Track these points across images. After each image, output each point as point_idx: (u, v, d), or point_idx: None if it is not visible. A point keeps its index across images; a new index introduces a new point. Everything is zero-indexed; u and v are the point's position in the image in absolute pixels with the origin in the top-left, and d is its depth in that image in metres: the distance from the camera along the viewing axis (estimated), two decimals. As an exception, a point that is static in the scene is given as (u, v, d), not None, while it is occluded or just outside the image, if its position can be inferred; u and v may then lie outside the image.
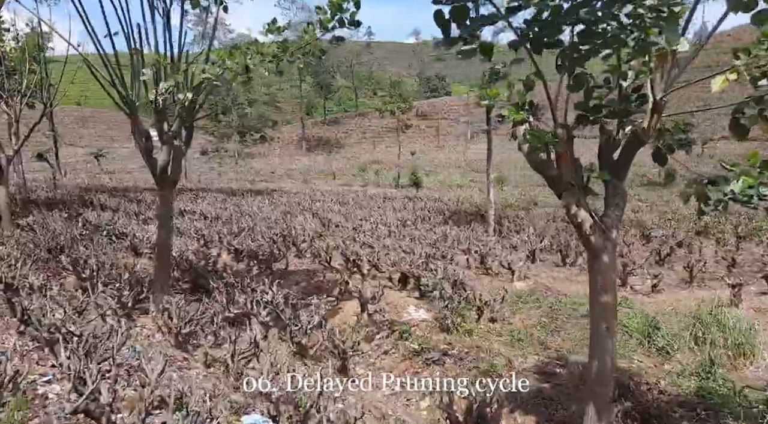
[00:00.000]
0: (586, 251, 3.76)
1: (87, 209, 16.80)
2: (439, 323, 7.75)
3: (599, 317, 3.60)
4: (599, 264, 3.61)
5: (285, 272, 10.83)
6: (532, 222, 16.15)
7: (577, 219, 3.69)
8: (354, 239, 12.70)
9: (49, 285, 7.66)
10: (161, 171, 7.56)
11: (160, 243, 7.96)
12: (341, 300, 9.09)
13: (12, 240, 10.40)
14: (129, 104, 7.32)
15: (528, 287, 9.78)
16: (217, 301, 7.96)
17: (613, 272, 3.62)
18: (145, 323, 7.81)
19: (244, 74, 6.11)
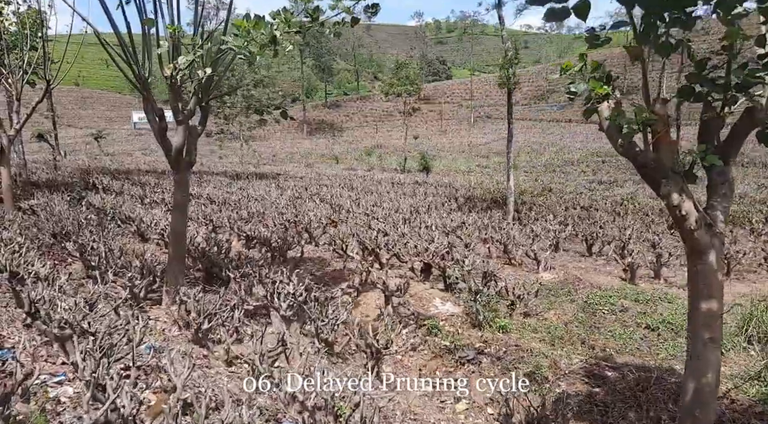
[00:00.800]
0: (687, 248, 3.27)
1: (90, 192, 16.30)
2: (470, 317, 7.30)
3: (701, 325, 3.12)
4: (704, 264, 3.13)
5: (300, 260, 10.37)
6: (550, 209, 15.67)
7: (679, 211, 3.20)
8: (369, 226, 12.22)
9: (57, 274, 7.18)
10: (177, 153, 7.06)
11: (174, 230, 7.48)
12: (362, 291, 8.65)
13: (15, 224, 9.90)
14: (142, 81, 6.79)
15: (557, 278, 9.32)
16: (235, 293, 7.50)
17: (719, 274, 3.14)
18: (158, 315, 7.35)
19: (271, 46, 5.58)
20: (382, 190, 20.47)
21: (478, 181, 23.33)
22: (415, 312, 7.79)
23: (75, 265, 9.26)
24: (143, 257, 8.64)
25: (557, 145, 57.01)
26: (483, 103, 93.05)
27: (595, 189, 19.81)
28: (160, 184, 19.00)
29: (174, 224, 7.48)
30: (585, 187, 20.54)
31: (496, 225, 12.73)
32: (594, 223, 12.76)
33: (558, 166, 33.05)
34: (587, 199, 17.12)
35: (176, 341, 6.38)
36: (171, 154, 7.12)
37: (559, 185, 21.30)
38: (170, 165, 7.28)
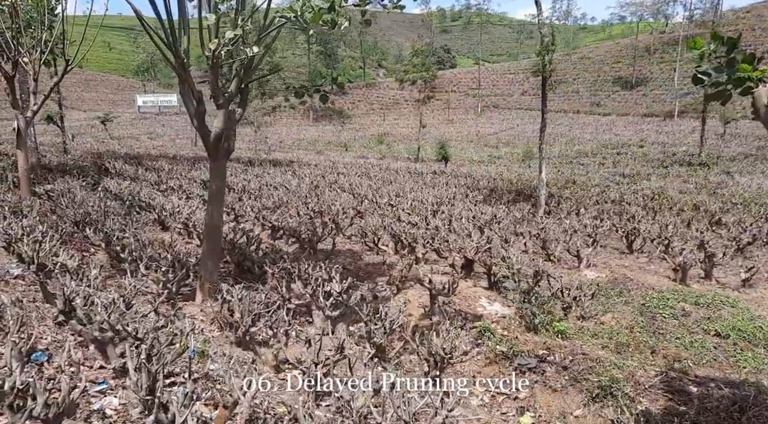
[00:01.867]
0: None
1: (103, 177, 15.84)
2: (525, 320, 6.85)
3: None
4: None
5: (331, 253, 9.92)
6: (580, 203, 15.17)
7: None
8: (398, 218, 11.75)
9: (86, 266, 6.73)
10: (216, 139, 6.59)
11: (210, 222, 7.02)
12: (401, 288, 8.22)
13: (33, 210, 9.45)
14: (181, 62, 6.29)
15: (604, 277, 8.86)
16: (273, 289, 7.05)
17: None
18: (192, 312, 6.92)
19: (330, 14, 5.09)
20: (401, 179, 19.97)
21: (497, 172, 22.79)
22: (461, 312, 7.35)
23: (98, 255, 8.83)
24: (172, 249, 8.20)
25: (566, 136, 56.37)
26: (490, 92, 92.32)
27: (620, 182, 19.30)
28: (174, 170, 18.51)
29: (210, 216, 7.02)
30: (609, 179, 20.02)
31: (529, 219, 12.25)
32: (631, 218, 12.28)
33: (573, 158, 32.50)
34: (616, 193, 16.61)
35: (217, 341, 5.94)
36: (210, 140, 6.65)
37: (582, 178, 20.77)
38: (208, 152, 6.81)
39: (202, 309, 6.91)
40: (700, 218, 13.01)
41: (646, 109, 68.49)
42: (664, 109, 65.71)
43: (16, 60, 10.00)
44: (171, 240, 8.65)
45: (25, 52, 10.13)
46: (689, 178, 20.31)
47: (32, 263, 6.58)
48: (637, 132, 53.99)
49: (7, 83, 10.13)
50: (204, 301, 7.06)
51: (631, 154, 31.88)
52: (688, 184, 18.94)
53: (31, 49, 10.31)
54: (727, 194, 16.56)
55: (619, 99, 76.22)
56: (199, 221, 10.17)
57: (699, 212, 13.88)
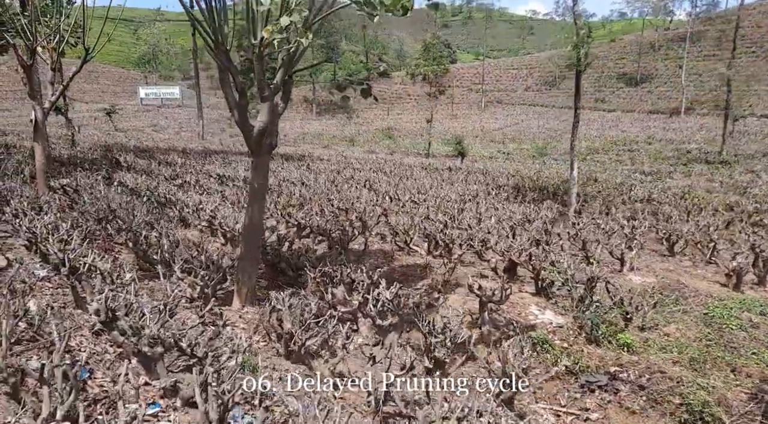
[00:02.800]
0: None
1: (117, 170, 15.37)
2: (584, 331, 6.43)
3: None
4: None
5: (363, 253, 9.50)
6: (609, 203, 14.68)
7: None
8: (427, 216, 11.32)
9: (119, 269, 6.30)
10: (260, 134, 6.14)
11: (250, 223, 6.58)
12: (443, 292, 7.80)
13: (53, 206, 9.01)
14: (224, 51, 5.85)
15: (654, 282, 8.45)
16: (317, 295, 6.64)
17: None
18: (230, 318, 6.50)
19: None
20: (418, 175, 19.52)
21: (514, 169, 22.34)
22: (512, 321, 6.93)
23: (123, 254, 8.40)
24: (203, 249, 7.77)
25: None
26: (493, 88, 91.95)
27: (643, 180, 18.86)
28: (188, 164, 18.04)
29: (250, 216, 6.58)
30: (630, 177, 19.57)
31: (561, 218, 11.82)
32: (668, 218, 11.84)
33: (585, 155, 32.02)
34: (643, 192, 16.15)
35: (263, 352, 5.53)
36: (252, 135, 6.21)
37: (603, 175, 20.30)
38: (249, 148, 6.37)
39: (241, 315, 6.49)
40: (739, 220, 12.58)
41: (651, 106, 68.06)
42: (669, 106, 65.29)
43: (34, 48, 9.53)
44: (201, 239, 8.21)
45: (42, 41, 9.66)
46: (713, 177, 19.86)
47: (62, 264, 6.14)
48: (644, 129, 53.56)
49: (24, 72, 9.66)
50: (243, 306, 6.64)
51: (644, 151, 31.42)
52: (714, 182, 18.51)
53: (48, 38, 9.83)
54: (760, 194, 16.12)
55: (623, 95, 75.80)
56: (226, 218, 9.74)
57: (734, 212, 13.45)
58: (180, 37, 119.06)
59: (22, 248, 7.86)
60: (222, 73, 6.22)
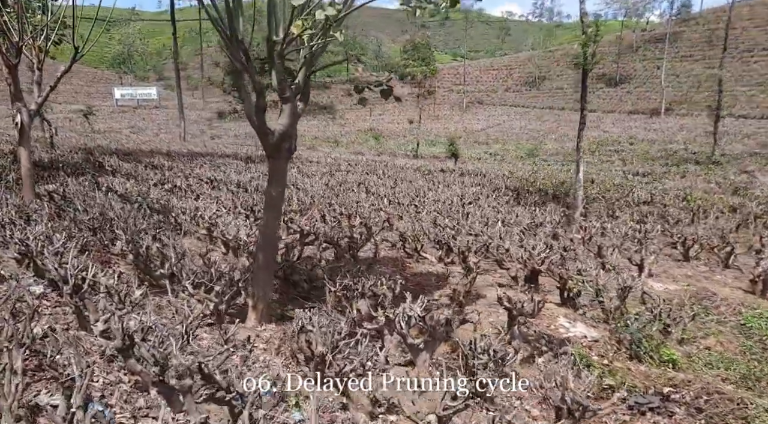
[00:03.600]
0: None
1: (101, 175, 14.72)
2: (623, 346, 6.09)
3: None
4: None
5: (373, 261, 9.07)
6: (611, 205, 14.43)
7: None
8: (434, 222, 10.93)
9: (124, 285, 5.79)
10: (280, 138, 5.69)
11: (266, 233, 6.12)
12: (465, 304, 7.42)
13: (43, 215, 8.42)
14: (244, 49, 5.39)
15: (678, 289, 8.17)
16: (335, 308, 6.20)
17: None
18: (248, 336, 6.02)
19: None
20: (412, 177, 19.12)
21: (508, 171, 22.08)
22: (544, 335, 6.57)
23: (120, 267, 7.86)
24: (210, 260, 7.28)
25: (556, 133, 56.24)
26: (474, 88, 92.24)
27: (639, 181, 18.72)
28: (175, 168, 17.42)
29: (266, 225, 6.12)
30: (627, 179, 19.42)
31: (567, 222, 11.53)
32: (678, 221, 11.61)
33: (571, 155, 31.86)
34: (645, 193, 15.96)
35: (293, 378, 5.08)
36: (271, 138, 5.76)
37: (598, 176, 20.09)
38: (267, 152, 5.91)
39: (258, 334, 6.01)
40: (749, 222, 12.39)
41: (631, 107, 68.77)
42: (649, 107, 66.00)
43: (20, 46, 8.93)
44: (201, 249, 7.72)
45: (28, 38, 9.06)
46: (709, 178, 19.79)
47: (63, 282, 5.61)
48: (626, 129, 54.03)
49: (8, 73, 9.05)
50: (259, 323, 6.17)
51: (630, 152, 31.47)
52: (710, 183, 18.44)
53: (33, 36, 9.24)
54: (762, 195, 16.02)
55: (603, 96, 76.49)
56: (227, 226, 9.24)
57: (739, 214, 13.27)
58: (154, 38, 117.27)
59: (11, 261, 7.30)
60: (237, 74, 5.76)
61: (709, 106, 28.58)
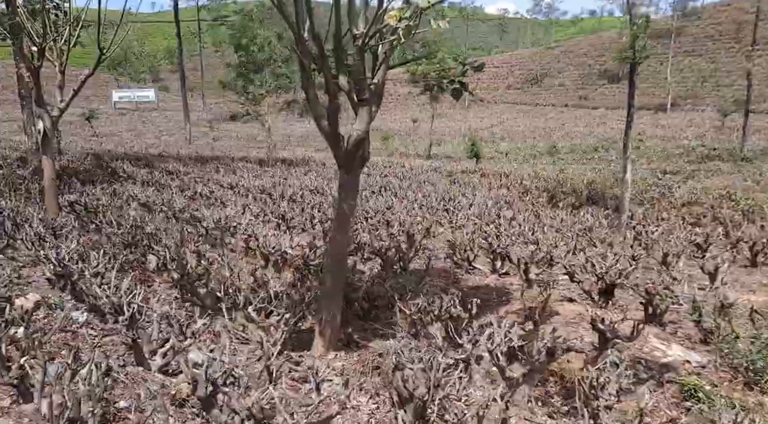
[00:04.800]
0: None
1: (116, 182, 14.07)
2: (740, 373, 5.45)
3: None
4: None
5: (426, 273, 8.43)
6: (654, 208, 13.77)
7: None
8: (480, 228, 10.30)
9: (180, 311, 5.16)
10: (356, 145, 5.05)
11: (335, 251, 5.49)
12: (539, 322, 6.78)
13: (73, 230, 7.79)
14: (319, 45, 4.76)
15: (760, 301, 7.55)
16: (413, 335, 5.58)
17: None
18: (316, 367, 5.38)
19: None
20: (435, 179, 18.49)
21: (534, 171, 21.43)
22: (640, 360, 5.93)
23: (157, 284, 7.24)
24: (262, 279, 6.64)
25: (562, 130, 55.63)
26: (474, 86, 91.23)
27: (670, 180, 18.09)
28: (191, 173, 16.77)
29: (335, 243, 5.49)
30: (657, 177, 18.75)
31: (615, 226, 10.93)
32: (738, 225, 10.97)
33: (583, 153, 31.33)
34: (686, 194, 15.30)
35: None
36: (344, 146, 5.13)
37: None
38: (338, 162, 5.28)
39: (330, 365, 5.37)
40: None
41: (636, 103, 68.21)
42: (654, 103, 65.48)
43: (43, 48, 8.28)
44: (255, 267, 7.08)
45: (51, 40, 8.42)
46: (744, 175, 19.12)
47: (114, 310, 4.99)
48: (633, 125, 53.28)
49: (30, 76, 8.41)
50: (327, 351, 5.54)
51: (645, 149, 30.88)
52: (747, 181, 17.81)
53: (57, 37, 8.59)
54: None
55: (606, 92, 76.12)
56: (267, 237, 8.61)
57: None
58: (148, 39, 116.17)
59: (40, 278, 6.69)
60: (304, 72, 5.13)
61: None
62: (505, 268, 8.80)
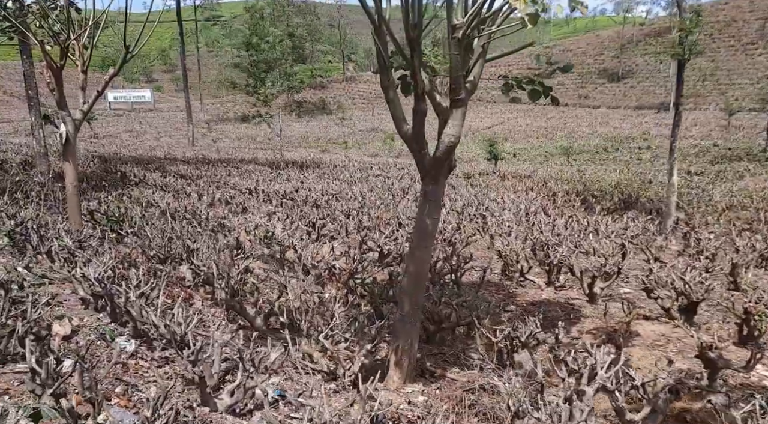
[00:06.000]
0: None
1: (128, 186, 13.40)
2: None
3: None
4: None
5: (480, 288, 7.84)
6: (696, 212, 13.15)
7: None
8: (526, 237, 9.72)
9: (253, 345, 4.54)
10: (447, 152, 4.44)
11: (416, 270, 4.88)
12: (621, 345, 6.20)
13: (104, 243, 7.15)
14: (413, 39, 4.18)
15: None
16: (500, 365, 4.98)
17: None
18: (391, 401, 4.77)
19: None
20: (455, 182, 17.86)
21: (554, 172, 20.86)
22: (745, 386, 5.36)
23: (199, 303, 6.61)
24: (320, 299, 6.03)
25: (565, 129, 55.16)
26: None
27: (700, 182, 17.52)
28: (205, 177, 16.11)
29: (415, 262, 4.87)
30: (688, 179, 18.15)
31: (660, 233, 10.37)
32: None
33: (595, 153, 30.78)
34: (725, 196, 14.71)
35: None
36: (430, 153, 4.53)
37: (653, 177, 18.87)
38: (423, 171, 4.67)
39: (410, 400, 4.76)
40: None
41: (636, 102, 67.94)
42: (655, 102, 65.22)
43: (67, 46, 7.64)
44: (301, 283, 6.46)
45: (75, 37, 7.78)
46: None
47: (176, 343, 4.37)
48: (636, 125, 52.95)
49: (51, 76, 7.76)
50: (404, 383, 4.93)
51: (660, 147, 30.33)
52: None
53: (80, 34, 7.95)
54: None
55: (606, 91, 75.85)
56: (305, 247, 8.01)
57: None
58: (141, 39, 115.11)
59: (72, 297, 6.04)
60: (384, 69, 4.53)
61: (722, 99, 27.35)
62: (562, 280, 8.22)
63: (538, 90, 5.14)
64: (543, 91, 5.17)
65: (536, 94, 5.13)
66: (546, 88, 5.19)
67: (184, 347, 4.53)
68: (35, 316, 4.43)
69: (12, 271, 5.74)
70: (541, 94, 5.19)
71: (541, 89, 5.12)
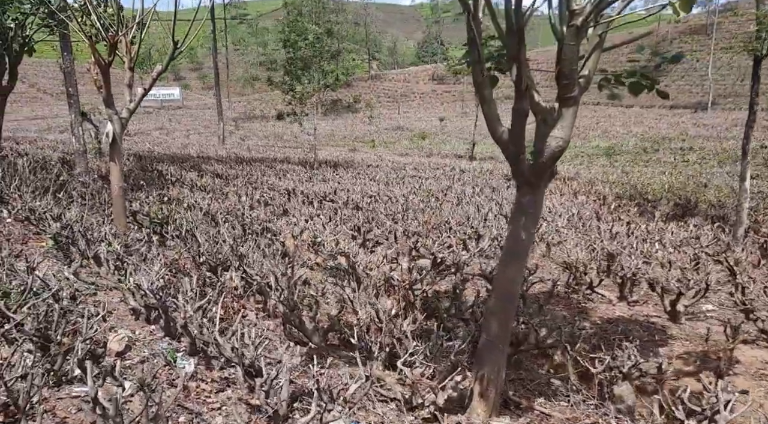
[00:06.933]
0: None
1: (166, 186, 13.07)
2: None
3: None
4: None
5: (547, 302, 7.26)
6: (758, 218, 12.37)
7: None
8: (591, 246, 9.11)
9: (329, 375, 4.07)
10: (553, 158, 3.92)
11: (506, 289, 4.36)
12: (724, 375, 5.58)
13: (149, 247, 6.76)
14: (517, 28, 3.67)
15: None
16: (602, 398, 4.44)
17: None
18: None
19: None
20: (496, 184, 17.24)
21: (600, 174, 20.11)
22: None
23: (253, 314, 6.17)
24: (386, 314, 5.52)
25: (597, 129, 53.86)
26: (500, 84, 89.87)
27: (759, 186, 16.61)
28: (240, 176, 15.75)
29: (505, 280, 4.35)
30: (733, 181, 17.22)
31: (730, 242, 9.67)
32: None
33: (641, 155, 29.69)
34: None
35: None
36: (531, 158, 4.01)
37: (706, 180, 18.02)
38: (521, 178, 4.15)
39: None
40: None
41: (672, 101, 66.17)
42: (692, 101, 63.48)
43: (115, 42, 7.27)
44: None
45: (123, 33, 7.40)
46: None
47: (241, 364, 3.92)
48: (672, 125, 51.35)
49: (99, 74, 7.39)
50: (490, 417, 4.40)
51: (704, 149, 29.27)
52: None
53: (128, 29, 7.58)
54: None
55: (639, 91, 73.97)
56: (356, 255, 7.53)
57: None
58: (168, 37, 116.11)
59: (121, 307, 5.66)
60: (478, 64, 4.02)
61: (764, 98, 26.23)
62: (636, 295, 7.60)
63: (641, 83, 4.56)
64: (648, 85, 4.59)
65: (638, 88, 4.56)
66: (653, 80, 4.61)
67: (253, 372, 4.08)
68: (91, 333, 4.02)
69: (62, 279, 5.36)
70: (644, 88, 4.62)
71: (645, 83, 4.53)
